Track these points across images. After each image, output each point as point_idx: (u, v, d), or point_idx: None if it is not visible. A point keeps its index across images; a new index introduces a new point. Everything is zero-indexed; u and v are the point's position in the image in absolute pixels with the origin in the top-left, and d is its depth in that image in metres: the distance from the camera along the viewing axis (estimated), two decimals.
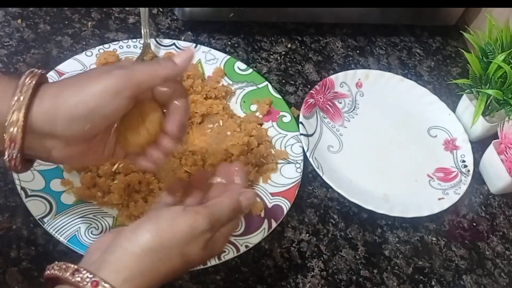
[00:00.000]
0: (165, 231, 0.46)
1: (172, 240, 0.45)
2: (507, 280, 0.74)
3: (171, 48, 0.82)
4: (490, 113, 0.84)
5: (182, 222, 0.46)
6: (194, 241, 0.47)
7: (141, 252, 0.44)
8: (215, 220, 0.48)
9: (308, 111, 0.81)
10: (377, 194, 0.77)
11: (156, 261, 0.45)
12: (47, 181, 0.65)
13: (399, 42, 0.99)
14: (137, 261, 0.44)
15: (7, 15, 0.81)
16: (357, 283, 0.69)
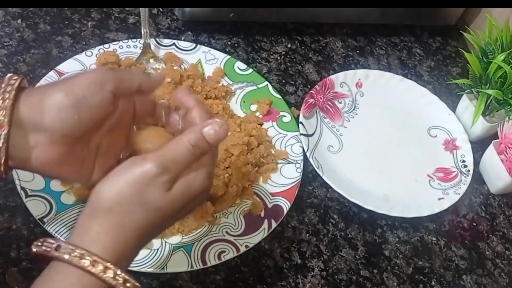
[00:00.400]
0: (116, 184, 0.45)
1: (124, 192, 0.45)
2: (507, 280, 0.74)
3: (171, 48, 0.82)
4: (490, 113, 0.84)
5: (129, 172, 0.45)
6: (149, 187, 0.45)
7: (101, 212, 0.45)
8: (168, 161, 0.45)
9: (308, 111, 0.81)
10: (377, 194, 0.77)
11: (117, 216, 0.44)
12: (47, 181, 0.65)
13: (399, 42, 0.99)
14: (100, 222, 0.44)
15: (7, 15, 0.81)
16: (357, 283, 0.69)
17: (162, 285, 0.63)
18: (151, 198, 0.45)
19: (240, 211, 0.70)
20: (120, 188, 0.45)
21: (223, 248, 0.65)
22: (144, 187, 0.45)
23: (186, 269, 0.63)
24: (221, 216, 0.69)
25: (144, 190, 0.45)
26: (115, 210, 0.44)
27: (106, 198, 0.45)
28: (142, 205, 0.45)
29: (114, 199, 0.45)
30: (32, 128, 0.45)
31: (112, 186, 0.45)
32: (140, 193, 0.45)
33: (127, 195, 0.45)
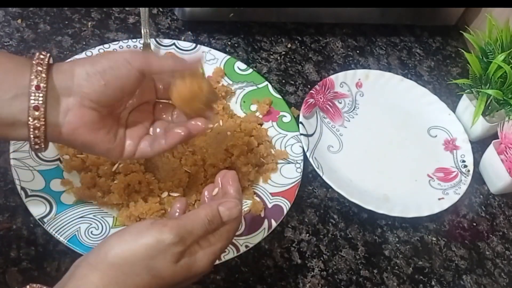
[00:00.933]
0: (129, 245, 0.45)
1: (136, 254, 0.45)
2: (507, 280, 0.74)
3: (171, 48, 0.82)
4: (490, 113, 0.84)
5: (147, 235, 0.46)
6: (161, 255, 0.45)
7: (105, 267, 0.44)
8: (185, 232, 0.47)
9: (308, 111, 0.81)
10: (377, 194, 0.77)
11: (121, 275, 0.44)
12: (47, 181, 0.65)
13: (399, 42, 0.99)
14: (101, 276, 0.44)
15: (7, 15, 0.81)
16: (357, 283, 0.69)
17: None
18: (160, 266, 0.45)
19: None
20: (134, 249, 0.45)
21: None
22: (157, 253, 0.45)
23: None
24: None
25: (156, 256, 0.45)
26: (121, 269, 0.45)
27: (117, 254, 0.45)
28: (148, 270, 0.45)
29: (125, 258, 0.45)
30: (63, 93, 0.48)
31: (127, 244, 0.45)
32: (151, 258, 0.45)
33: (138, 257, 0.45)
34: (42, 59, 0.48)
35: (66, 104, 0.49)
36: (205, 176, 0.70)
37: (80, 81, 0.49)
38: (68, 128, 0.49)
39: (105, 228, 0.64)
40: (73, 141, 0.50)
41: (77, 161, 0.67)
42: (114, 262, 0.44)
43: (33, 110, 0.47)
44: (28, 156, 0.66)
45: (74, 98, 0.49)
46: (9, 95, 0.46)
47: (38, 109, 0.47)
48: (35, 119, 0.47)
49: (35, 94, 0.47)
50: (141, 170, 0.67)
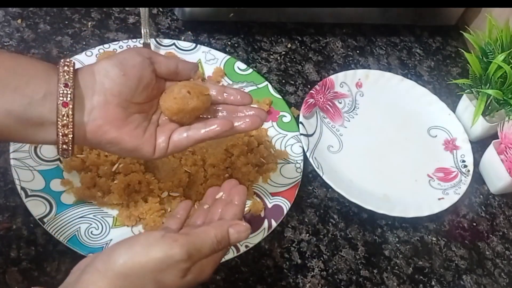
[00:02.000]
0: (139, 256, 0.45)
1: (145, 266, 0.45)
2: (507, 280, 0.74)
3: (171, 48, 0.82)
4: (490, 113, 0.84)
5: (157, 248, 0.46)
6: (169, 269, 0.46)
7: (113, 275, 0.45)
8: (194, 250, 0.47)
9: (308, 111, 0.81)
10: (377, 194, 0.77)
11: (129, 285, 0.45)
12: (47, 181, 0.65)
13: (399, 42, 0.99)
14: (108, 283, 0.44)
15: (7, 15, 0.81)
16: (357, 283, 0.69)
17: None
18: (167, 280, 0.46)
19: None
20: (144, 262, 0.45)
21: None
22: (166, 268, 0.46)
23: None
24: None
25: (164, 270, 0.46)
26: (129, 279, 0.45)
27: (126, 264, 0.45)
28: (156, 283, 0.46)
29: (134, 269, 0.45)
30: (87, 93, 0.49)
31: (136, 256, 0.46)
32: (160, 272, 0.46)
33: (147, 270, 0.45)
34: (69, 62, 0.50)
35: (90, 103, 0.49)
36: (205, 176, 0.70)
37: (100, 78, 0.50)
38: (93, 125, 0.50)
39: (105, 228, 0.64)
40: (99, 139, 0.51)
41: (77, 161, 0.67)
42: (123, 272, 0.45)
43: (61, 107, 0.47)
44: (28, 156, 0.66)
45: (98, 96, 0.50)
46: (40, 95, 0.47)
47: (67, 106, 0.48)
48: (64, 116, 0.48)
49: (63, 91, 0.48)
50: (141, 170, 0.67)
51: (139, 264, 0.45)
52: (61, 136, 0.49)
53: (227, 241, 0.50)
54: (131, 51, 0.53)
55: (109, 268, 0.45)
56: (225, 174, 0.70)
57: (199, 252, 0.48)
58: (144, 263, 0.45)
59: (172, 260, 0.46)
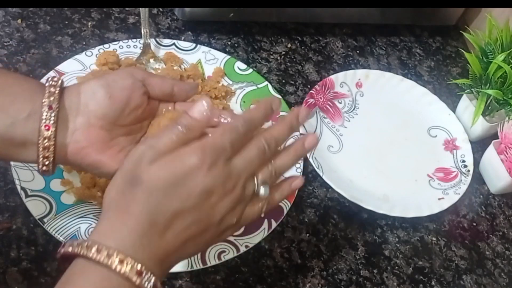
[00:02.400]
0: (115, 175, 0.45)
1: (115, 179, 0.45)
2: (507, 280, 0.74)
3: (171, 48, 0.82)
4: (490, 113, 0.84)
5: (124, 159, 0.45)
6: (138, 163, 0.43)
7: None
8: (154, 137, 0.44)
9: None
10: (377, 194, 0.77)
11: (118, 204, 0.43)
12: (47, 181, 0.65)
13: (399, 42, 0.99)
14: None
15: (7, 15, 0.81)
16: (357, 283, 0.69)
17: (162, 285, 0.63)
18: (138, 172, 0.43)
19: None
20: (115, 177, 0.45)
21: (223, 248, 0.65)
22: (134, 164, 0.43)
23: (186, 269, 0.63)
24: None
25: (133, 167, 0.43)
26: (113, 203, 0.44)
27: (108, 193, 0.45)
28: (131, 183, 0.43)
29: (111, 187, 0.45)
30: (72, 113, 0.48)
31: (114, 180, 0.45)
32: (130, 171, 0.44)
33: (118, 180, 0.44)
34: (56, 81, 0.49)
35: (74, 124, 0.49)
36: None
37: (86, 99, 0.49)
38: (74, 147, 0.49)
39: None
40: (79, 162, 0.49)
41: None
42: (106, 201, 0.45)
43: (44, 129, 0.47)
44: None
45: (82, 117, 0.49)
46: (24, 115, 0.47)
47: (49, 129, 0.47)
48: (45, 139, 0.47)
49: (47, 113, 0.47)
50: None
51: (114, 178, 0.45)
52: (42, 158, 0.48)
53: (188, 119, 0.44)
54: (123, 72, 0.52)
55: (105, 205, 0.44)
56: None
57: (160, 138, 0.43)
58: (115, 177, 0.44)
59: (137, 155, 0.43)
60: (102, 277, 0.40)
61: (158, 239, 0.42)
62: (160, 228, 0.42)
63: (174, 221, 0.43)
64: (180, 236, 0.43)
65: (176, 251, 0.44)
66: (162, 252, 0.43)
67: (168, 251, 0.43)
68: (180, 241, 0.44)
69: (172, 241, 0.43)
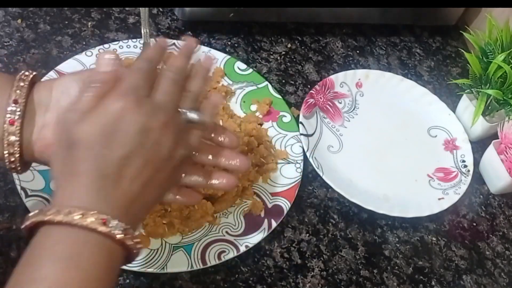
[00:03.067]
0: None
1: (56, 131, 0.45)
2: (507, 280, 0.74)
3: (171, 48, 0.82)
4: (490, 113, 0.84)
5: None
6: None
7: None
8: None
9: (308, 111, 0.81)
10: (377, 194, 0.77)
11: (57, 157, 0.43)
12: (47, 181, 0.65)
13: (399, 42, 0.99)
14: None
15: (7, 15, 0.81)
16: (357, 283, 0.69)
17: (162, 285, 0.63)
18: (70, 135, 0.43)
19: (240, 211, 0.70)
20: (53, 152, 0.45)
21: (223, 248, 0.65)
22: (64, 130, 0.44)
23: (186, 269, 0.63)
24: (221, 216, 0.69)
25: (64, 133, 0.44)
26: (59, 172, 0.43)
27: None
28: (68, 148, 0.43)
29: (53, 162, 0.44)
30: (41, 109, 0.47)
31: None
32: (62, 138, 0.44)
33: (55, 152, 0.44)
34: (26, 76, 0.47)
35: (42, 119, 0.47)
36: None
37: (57, 94, 0.47)
38: (41, 144, 0.47)
39: None
40: (46, 158, 0.47)
41: None
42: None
43: (8, 124, 0.45)
44: None
45: (51, 113, 0.47)
46: None
47: (13, 124, 0.45)
48: (10, 134, 0.46)
49: (12, 108, 0.45)
50: None
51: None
52: (7, 155, 0.46)
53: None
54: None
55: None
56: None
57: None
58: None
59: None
60: (68, 235, 0.39)
61: (115, 190, 0.42)
62: (112, 178, 0.42)
63: (123, 168, 0.42)
64: (136, 181, 0.43)
65: (138, 197, 0.43)
66: (123, 201, 0.42)
67: (129, 199, 0.43)
68: (138, 185, 0.43)
69: (129, 188, 0.43)
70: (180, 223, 0.66)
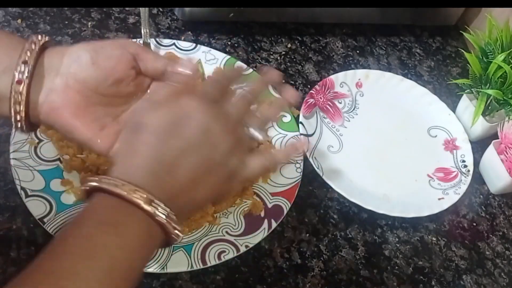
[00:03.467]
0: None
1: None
2: (507, 280, 0.74)
3: (171, 48, 0.82)
4: (490, 113, 0.84)
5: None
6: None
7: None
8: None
9: (308, 111, 0.81)
10: (377, 194, 0.77)
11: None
12: (47, 181, 0.65)
13: (399, 42, 0.99)
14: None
15: (7, 15, 0.81)
16: (357, 283, 0.69)
17: (162, 285, 0.63)
18: (140, 120, 0.47)
19: (240, 211, 0.70)
20: (121, 134, 0.50)
21: (223, 248, 0.65)
22: (136, 116, 0.49)
23: (186, 269, 0.63)
24: (221, 216, 0.68)
25: (135, 118, 0.48)
26: (120, 151, 0.47)
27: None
28: (135, 131, 0.46)
29: (117, 143, 0.49)
30: (51, 73, 0.48)
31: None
32: (132, 122, 0.48)
33: (122, 134, 0.49)
34: (39, 40, 0.48)
35: (51, 83, 0.48)
36: None
37: (69, 60, 0.48)
38: (48, 107, 0.48)
39: None
40: (52, 122, 0.49)
41: (77, 161, 0.67)
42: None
43: (16, 84, 0.47)
44: (28, 156, 0.66)
45: (60, 78, 0.48)
46: (0, 68, 0.47)
47: (21, 83, 0.47)
48: (17, 93, 0.47)
49: (20, 68, 0.47)
50: None
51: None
52: (13, 113, 0.48)
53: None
54: (114, 42, 0.52)
55: None
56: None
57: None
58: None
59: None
60: (115, 205, 0.42)
61: (167, 176, 0.44)
62: (167, 166, 0.44)
63: (180, 159, 0.45)
64: (187, 174, 0.45)
65: (187, 191, 0.45)
66: (172, 189, 0.44)
67: (178, 189, 0.45)
68: (188, 179, 0.45)
69: (180, 179, 0.45)
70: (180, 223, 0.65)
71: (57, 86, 0.48)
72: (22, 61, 0.47)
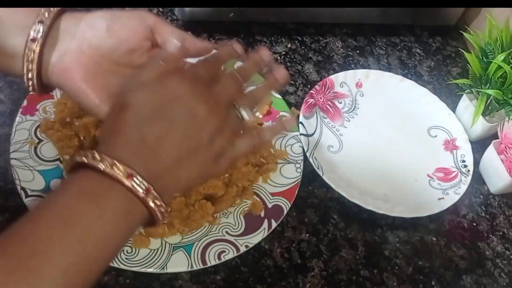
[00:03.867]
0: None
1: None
2: (507, 280, 0.74)
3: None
4: (490, 113, 0.84)
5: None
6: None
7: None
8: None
9: (308, 111, 0.81)
10: (377, 194, 0.77)
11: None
12: (47, 181, 0.65)
13: (399, 42, 0.99)
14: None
15: None
16: (357, 283, 0.69)
17: (162, 285, 0.63)
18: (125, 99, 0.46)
19: (240, 211, 0.70)
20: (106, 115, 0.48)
21: (223, 248, 0.65)
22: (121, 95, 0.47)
23: (186, 269, 0.63)
24: (221, 216, 0.68)
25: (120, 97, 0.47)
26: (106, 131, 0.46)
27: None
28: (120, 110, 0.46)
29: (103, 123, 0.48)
30: (65, 37, 0.49)
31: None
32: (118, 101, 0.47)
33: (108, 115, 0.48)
34: (56, 8, 0.49)
35: (65, 46, 0.49)
36: None
37: (85, 26, 0.49)
38: (59, 68, 0.49)
39: None
40: (62, 84, 0.50)
41: None
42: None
43: (30, 41, 0.47)
44: (28, 156, 0.66)
45: (75, 42, 0.49)
46: (19, 27, 0.48)
47: (35, 41, 0.47)
48: (30, 51, 0.48)
49: (36, 27, 0.47)
50: None
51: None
52: (25, 71, 0.49)
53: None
54: (132, 12, 0.52)
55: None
56: (225, 174, 0.70)
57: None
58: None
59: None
60: (96, 179, 0.42)
61: (150, 155, 0.44)
62: (150, 145, 0.44)
63: (164, 139, 0.45)
64: (172, 154, 0.45)
65: (171, 170, 0.45)
66: (155, 168, 0.44)
67: (162, 169, 0.44)
68: (173, 158, 0.45)
69: (164, 158, 0.45)
70: (180, 223, 0.66)
71: (71, 49, 0.49)
72: (39, 20, 0.48)
